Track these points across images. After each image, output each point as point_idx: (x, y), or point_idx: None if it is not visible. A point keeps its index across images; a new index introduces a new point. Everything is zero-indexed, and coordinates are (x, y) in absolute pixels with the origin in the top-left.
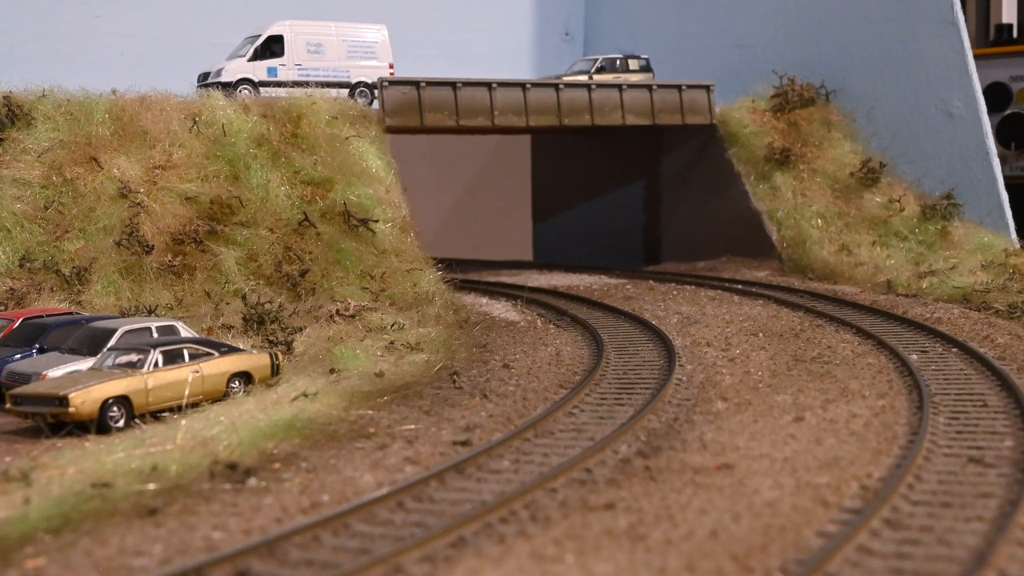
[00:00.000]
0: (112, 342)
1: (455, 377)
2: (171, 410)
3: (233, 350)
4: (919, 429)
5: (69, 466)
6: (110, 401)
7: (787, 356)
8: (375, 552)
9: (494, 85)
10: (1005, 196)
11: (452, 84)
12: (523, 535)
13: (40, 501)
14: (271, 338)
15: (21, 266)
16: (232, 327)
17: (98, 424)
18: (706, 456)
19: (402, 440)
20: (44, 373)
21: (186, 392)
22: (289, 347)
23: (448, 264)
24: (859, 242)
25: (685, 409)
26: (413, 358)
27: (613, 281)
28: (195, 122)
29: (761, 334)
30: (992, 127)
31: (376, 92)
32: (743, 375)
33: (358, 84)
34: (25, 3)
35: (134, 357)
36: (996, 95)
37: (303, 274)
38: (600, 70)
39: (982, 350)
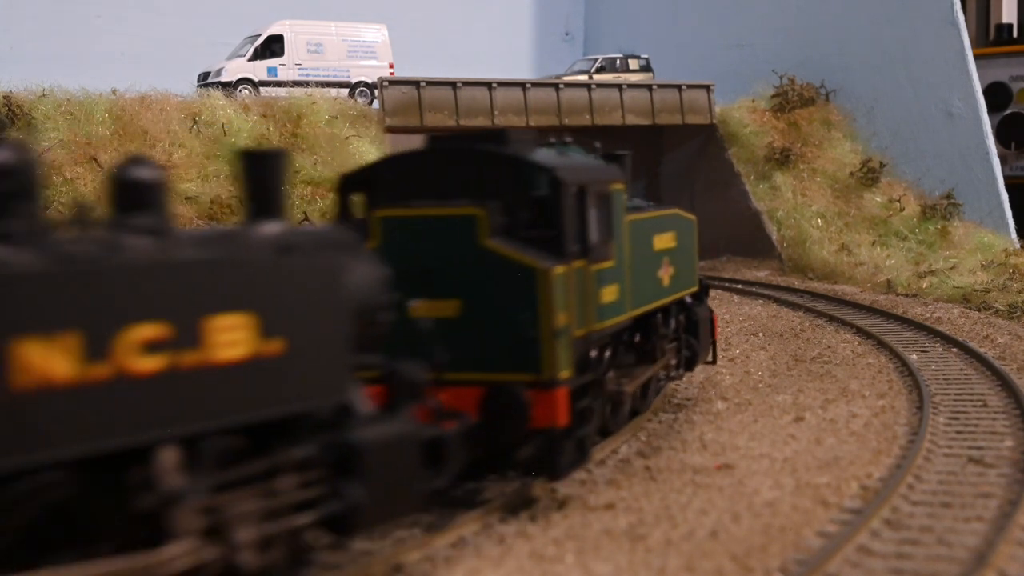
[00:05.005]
0: None
1: None
2: None
3: None
4: (919, 429)
5: None
6: None
7: (787, 356)
8: (375, 552)
9: (494, 85)
10: (1005, 196)
11: (452, 84)
12: (523, 535)
13: None
14: None
15: None
16: None
17: None
18: (706, 456)
19: None
20: None
21: None
22: None
23: None
24: (859, 242)
25: (685, 409)
26: None
27: None
28: (195, 122)
29: (761, 334)
30: (992, 127)
31: (376, 92)
32: (743, 375)
33: (358, 84)
34: (25, 3)
35: None
36: (996, 95)
37: None
38: (600, 70)
39: (982, 350)
